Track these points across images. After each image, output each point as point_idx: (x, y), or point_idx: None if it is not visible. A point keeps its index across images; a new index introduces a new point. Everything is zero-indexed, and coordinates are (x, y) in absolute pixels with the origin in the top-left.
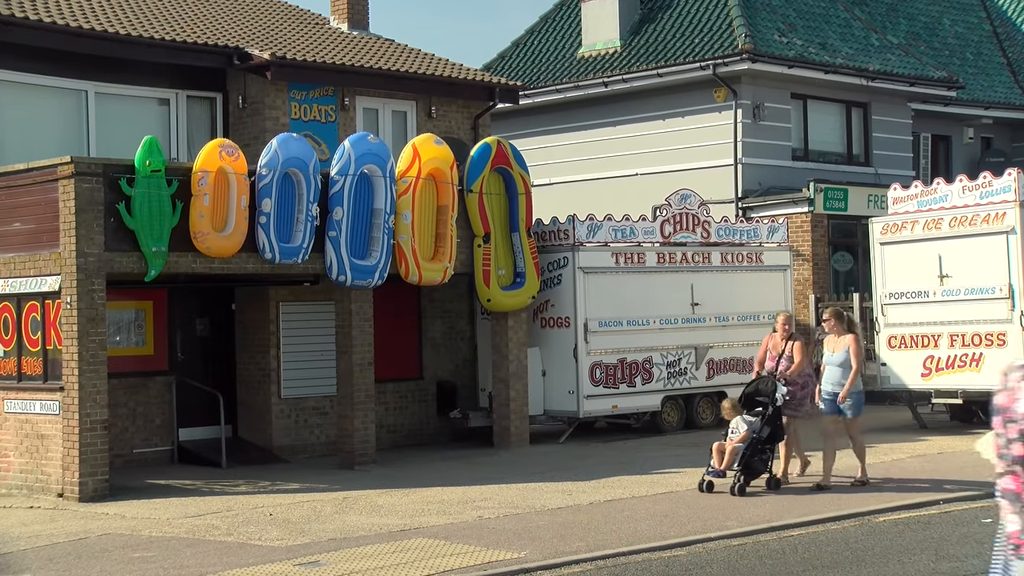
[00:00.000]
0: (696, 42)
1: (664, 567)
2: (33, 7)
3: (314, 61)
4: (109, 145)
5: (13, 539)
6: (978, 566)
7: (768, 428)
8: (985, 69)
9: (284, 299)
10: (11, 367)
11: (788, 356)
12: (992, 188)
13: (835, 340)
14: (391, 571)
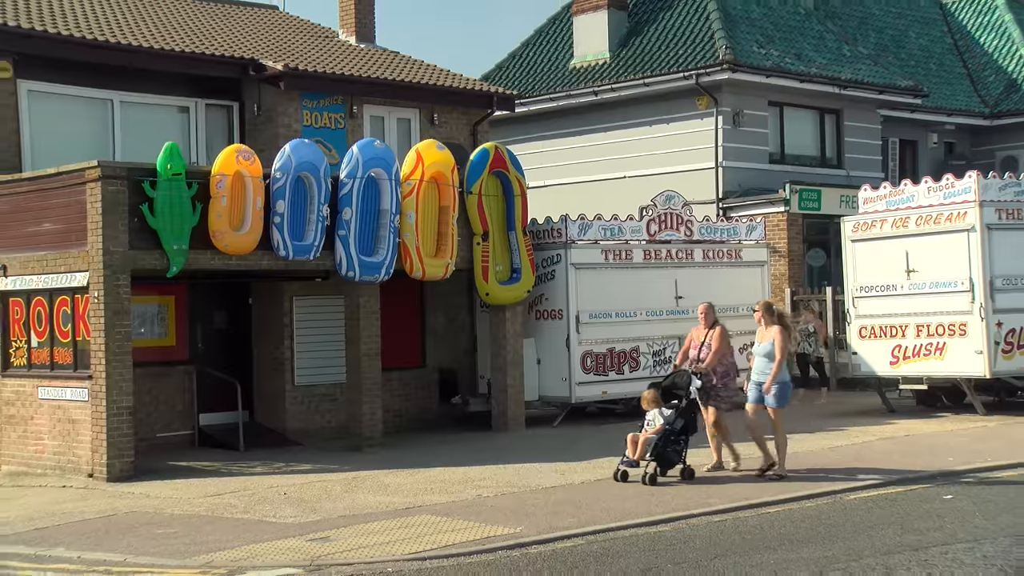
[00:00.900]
0: (680, 54)
1: (650, 541)
2: (64, 23)
3: (324, 72)
4: (133, 150)
5: (49, 515)
6: (939, 538)
7: (682, 420)
8: (947, 79)
9: (297, 293)
10: (44, 357)
11: (708, 344)
12: (954, 189)
13: (763, 331)
14: (397, 546)
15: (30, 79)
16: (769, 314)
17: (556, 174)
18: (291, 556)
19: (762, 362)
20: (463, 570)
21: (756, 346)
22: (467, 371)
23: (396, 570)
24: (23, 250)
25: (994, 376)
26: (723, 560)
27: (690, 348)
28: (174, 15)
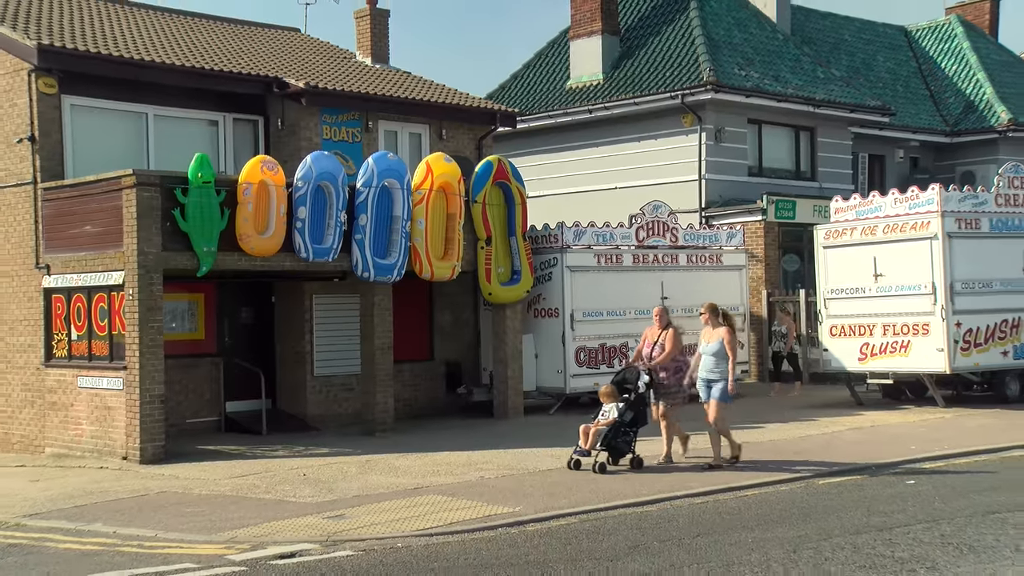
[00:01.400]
0: (667, 75)
1: (637, 520)
2: (104, 43)
3: (342, 90)
4: (166, 160)
5: (87, 494)
6: (902, 519)
7: (631, 412)
8: (912, 100)
9: (316, 292)
10: (83, 349)
11: (661, 344)
12: (919, 200)
13: (710, 332)
14: (406, 523)
15: (73, 94)
16: (715, 315)
17: (554, 185)
18: (309, 532)
19: (709, 360)
20: (466, 546)
21: (703, 346)
22: (471, 364)
23: (405, 545)
24: (64, 251)
25: (953, 372)
26: (704, 538)
27: (644, 347)
28: (204, 36)
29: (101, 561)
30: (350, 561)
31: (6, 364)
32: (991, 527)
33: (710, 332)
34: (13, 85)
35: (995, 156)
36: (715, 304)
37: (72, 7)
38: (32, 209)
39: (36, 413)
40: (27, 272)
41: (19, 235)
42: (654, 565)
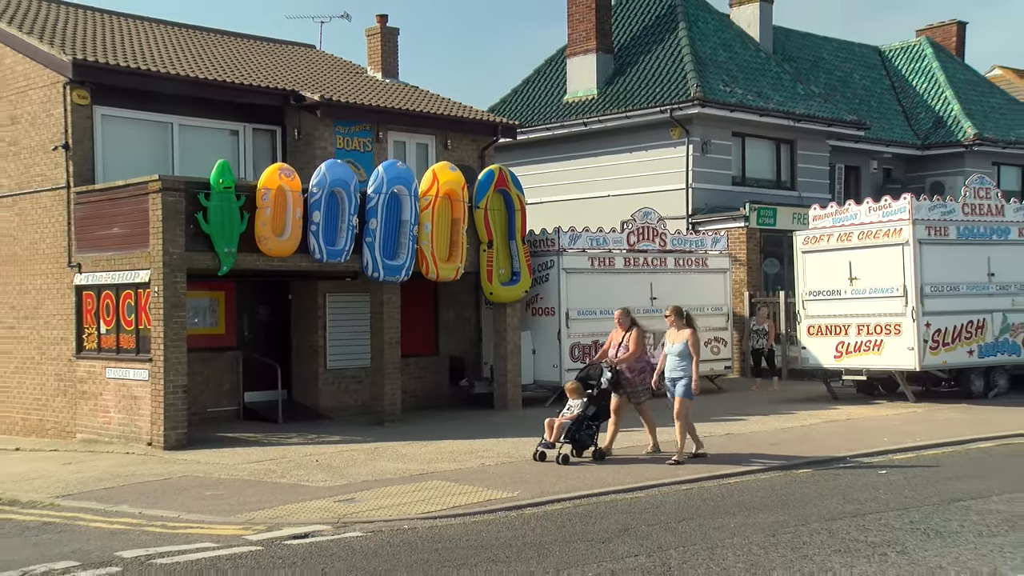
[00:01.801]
0: (657, 91)
1: (627, 505)
2: (133, 57)
3: (355, 103)
4: (189, 167)
5: (115, 477)
6: (874, 507)
7: (593, 407)
8: (886, 115)
9: (329, 291)
10: (112, 342)
11: (625, 345)
12: (891, 209)
13: (675, 333)
14: (412, 507)
15: (104, 105)
16: (679, 317)
17: (551, 192)
18: (321, 515)
19: (674, 360)
20: (468, 528)
21: (669, 346)
22: (473, 358)
23: (411, 527)
24: (95, 250)
25: (923, 369)
26: (689, 523)
27: (609, 347)
28: (226, 51)
29: (128, 539)
30: (359, 542)
31: (41, 355)
32: (956, 514)
33: (675, 333)
34: (50, 97)
35: (962, 168)
36: (679, 307)
37: (103, 24)
38: (65, 212)
39: (68, 401)
40: (60, 270)
41: (53, 235)
42: (643, 547)
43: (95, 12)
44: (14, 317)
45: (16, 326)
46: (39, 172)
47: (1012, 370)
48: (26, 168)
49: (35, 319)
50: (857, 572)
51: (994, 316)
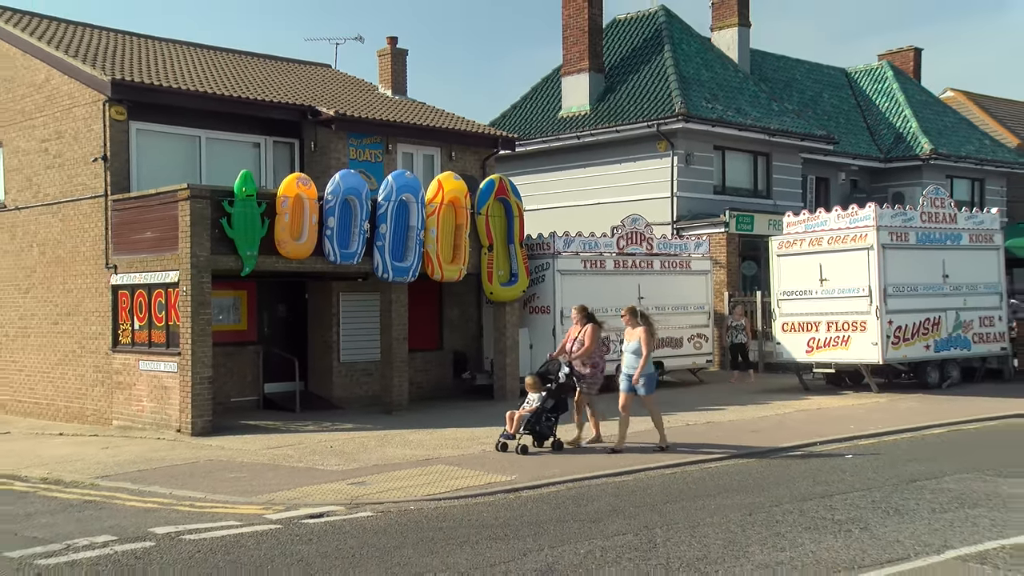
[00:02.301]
0: (644, 107)
1: (616, 487)
2: (165, 76)
3: (367, 117)
4: (215, 176)
5: (147, 460)
6: (841, 488)
7: (552, 400)
8: (852, 131)
9: (343, 290)
10: (144, 337)
11: (580, 340)
12: (858, 216)
13: (631, 331)
14: (418, 489)
15: (138, 120)
16: (634, 317)
17: (547, 200)
18: (335, 496)
19: (630, 357)
20: (469, 508)
21: (625, 344)
22: (475, 353)
23: (417, 508)
24: (129, 253)
25: (886, 362)
26: (673, 504)
27: (567, 342)
28: (249, 70)
29: (160, 517)
30: (370, 521)
31: (81, 349)
32: (913, 493)
33: (631, 332)
34: (91, 113)
35: (920, 180)
36: (634, 307)
37: (139, 47)
38: (103, 218)
39: (105, 391)
40: (98, 271)
41: (92, 240)
42: (631, 526)
43: (131, 36)
44: (57, 314)
45: (60, 322)
46: (80, 182)
47: (963, 363)
48: (69, 178)
49: (76, 316)
50: (825, 547)
51: (948, 314)
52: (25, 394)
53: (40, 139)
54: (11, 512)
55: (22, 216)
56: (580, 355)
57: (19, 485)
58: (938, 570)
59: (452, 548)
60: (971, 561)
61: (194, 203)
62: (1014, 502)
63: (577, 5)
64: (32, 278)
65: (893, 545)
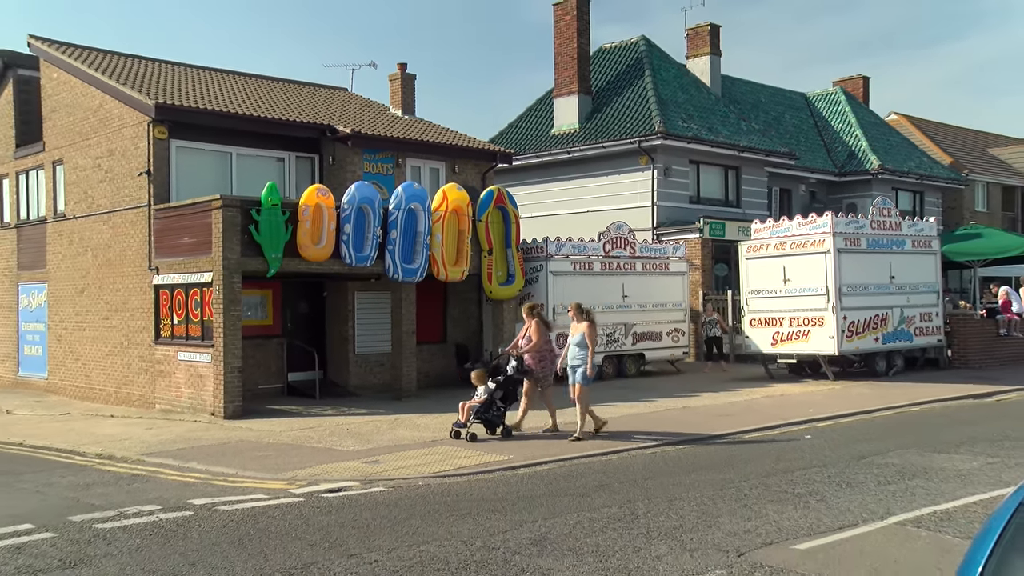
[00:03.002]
0: (628, 126)
1: (603, 466)
2: (201, 99)
3: (379, 135)
4: (244, 187)
5: (185, 440)
6: (801, 464)
7: (501, 392)
8: (811, 148)
9: (357, 289)
10: (182, 331)
11: (528, 336)
12: (816, 224)
13: (576, 326)
14: (426, 467)
15: (178, 138)
16: (580, 313)
17: (541, 208)
18: (351, 473)
19: (574, 350)
20: (471, 484)
21: (571, 337)
22: (475, 345)
23: (424, 483)
24: (169, 256)
25: (841, 354)
26: (653, 480)
27: (520, 338)
28: (275, 93)
29: (197, 490)
30: (382, 495)
31: (128, 341)
32: (862, 468)
33: (576, 327)
34: (137, 133)
35: (870, 192)
36: (579, 304)
37: (178, 74)
38: (147, 225)
39: (148, 379)
40: (142, 272)
41: (137, 244)
42: (615, 499)
43: (172, 64)
44: (108, 310)
45: (110, 317)
46: (127, 194)
47: (906, 353)
48: (118, 190)
49: (123, 312)
50: (786, 517)
51: (894, 311)
52: (81, 380)
53: (94, 156)
54: (73, 482)
55: (78, 224)
56: (528, 350)
57: (78, 459)
58: (881, 534)
59: (456, 519)
60: (908, 525)
61: (226, 212)
62: (944, 474)
63: (567, 35)
64: (87, 278)
65: (844, 514)
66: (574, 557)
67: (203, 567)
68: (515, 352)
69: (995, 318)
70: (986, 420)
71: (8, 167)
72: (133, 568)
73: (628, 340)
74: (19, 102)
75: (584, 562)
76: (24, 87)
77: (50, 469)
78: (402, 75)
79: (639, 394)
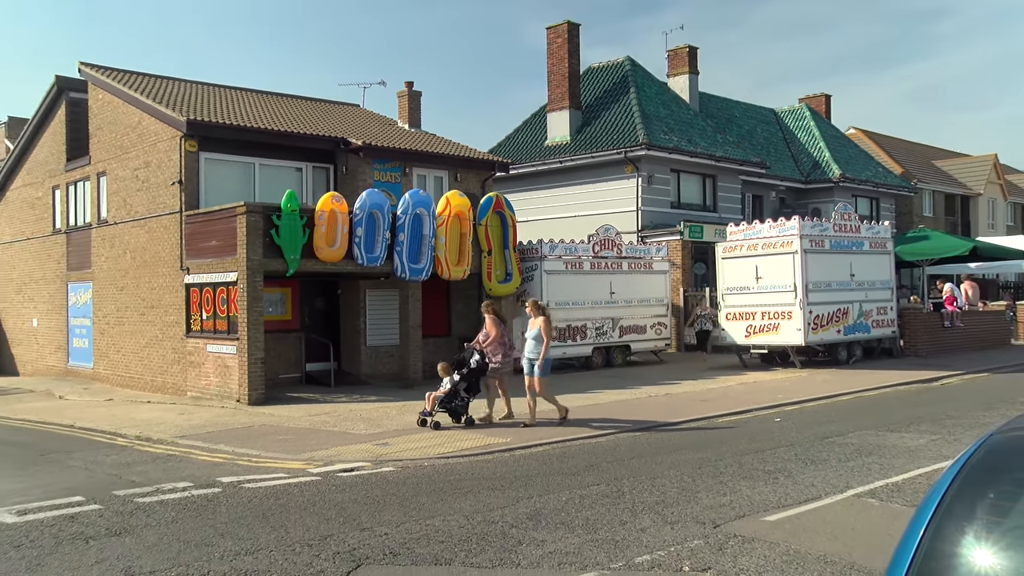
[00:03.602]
0: (615, 137)
1: (593, 448)
2: (226, 115)
3: (388, 146)
4: (266, 195)
5: (213, 424)
6: (770, 444)
7: (465, 383)
8: (780, 158)
9: (369, 287)
10: (210, 325)
11: (486, 332)
12: (785, 227)
13: (533, 321)
14: (431, 449)
15: (206, 151)
16: (536, 309)
17: (535, 213)
18: (363, 455)
19: (531, 343)
20: (472, 465)
21: (528, 332)
22: None
23: (430, 464)
24: (198, 258)
25: (807, 344)
26: (638, 460)
27: (480, 334)
28: (293, 109)
29: (225, 469)
30: (392, 474)
31: (162, 335)
32: (826, 447)
33: (533, 321)
34: (171, 147)
35: (832, 198)
36: (536, 300)
37: (207, 93)
38: (178, 229)
39: (180, 369)
40: (175, 272)
41: (170, 247)
42: (603, 477)
43: (201, 84)
44: (144, 307)
45: (146, 313)
46: (161, 201)
47: (865, 344)
48: (153, 198)
49: (158, 308)
50: (757, 492)
51: (854, 305)
52: (122, 369)
53: (133, 168)
54: (116, 461)
55: (119, 229)
56: (486, 345)
57: (120, 440)
58: (841, 505)
59: (458, 496)
60: (864, 497)
61: (249, 217)
62: (895, 451)
63: (559, 56)
64: (126, 278)
65: (809, 488)
66: (566, 530)
67: (231, 538)
68: (477, 347)
69: (939, 311)
70: (932, 402)
71: (59, 179)
72: (169, 538)
73: (615, 333)
74: (70, 121)
75: (575, 534)
76: (74, 108)
77: (96, 449)
78: (409, 92)
79: (625, 382)
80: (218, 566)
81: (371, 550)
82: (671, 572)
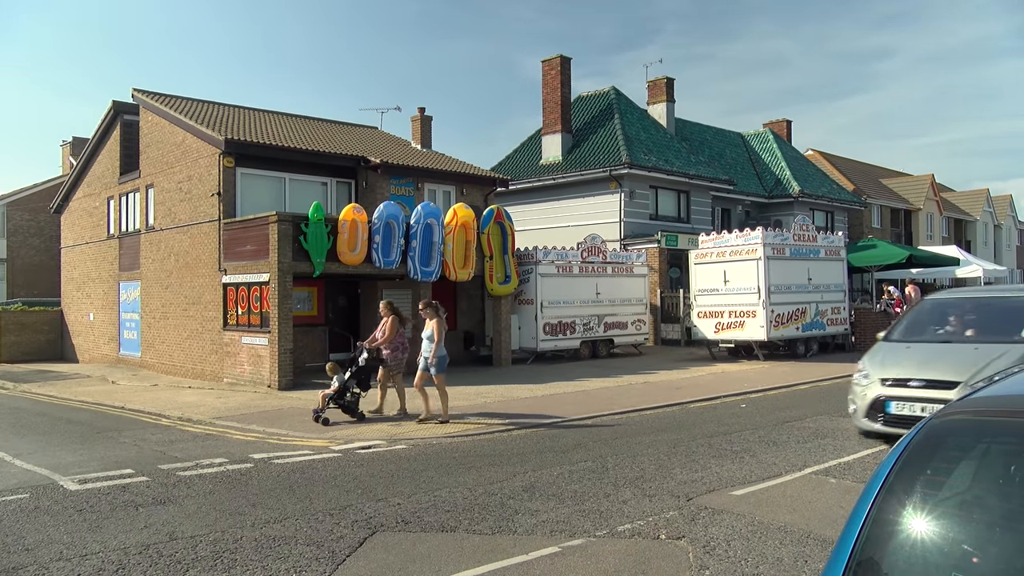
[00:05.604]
0: (601, 157)
1: (579, 428)
2: (260, 134)
3: (403, 164)
4: (295, 206)
5: (247, 407)
6: (737, 427)
7: (355, 380)
8: (746, 176)
9: (385, 287)
10: (244, 320)
11: (383, 330)
12: (750, 236)
13: (428, 323)
14: (438, 429)
15: (242, 167)
16: (431, 309)
17: (531, 223)
18: (379, 434)
19: (426, 343)
20: (475, 443)
21: (424, 332)
22: (479, 332)
23: (437, 442)
24: (234, 260)
25: (769, 340)
26: (620, 440)
27: (377, 332)
28: (319, 130)
29: (257, 447)
30: (404, 451)
31: (202, 328)
32: (786, 431)
33: (428, 323)
34: (210, 162)
35: (792, 212)
36: (430, 301)
37: (243, 115)
38: (217, 235)
39: (218, 358)
40: (213, 273)
41: (210, 251)
42: (589, 455)
43: (238, 108)
44: (187, 303)
45: (188, 309)
46: (202, 211)
47: (820, 339)
48: (194, 208)
49: (199, 304)
50: (726, 469)
51: (811, 306)
52: (166, 359)
53: (177, 181)
54: (161, 439)
55: (164, 235)
56: (380, 343)
57: (164, 421)
58: (800, 482)
59: (462, 471)
60: (820, 474)
61: (280, 225)
62: (848, 433)
63: (553, 86)
64: (170, 278)
65: (771, 466)
66: (557, 501)
67: (261, 508)
68: (368, 345)
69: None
70: None
71: (114, 191)
72: (208, 508)
73: (601, 328)
74: (123, 140)
75: (565, 505)
76: (127, 129)
77: (143, 428)
78: (421, 117)
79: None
80: (250, 532)
81: (385, 518)
82: (649, 539)
